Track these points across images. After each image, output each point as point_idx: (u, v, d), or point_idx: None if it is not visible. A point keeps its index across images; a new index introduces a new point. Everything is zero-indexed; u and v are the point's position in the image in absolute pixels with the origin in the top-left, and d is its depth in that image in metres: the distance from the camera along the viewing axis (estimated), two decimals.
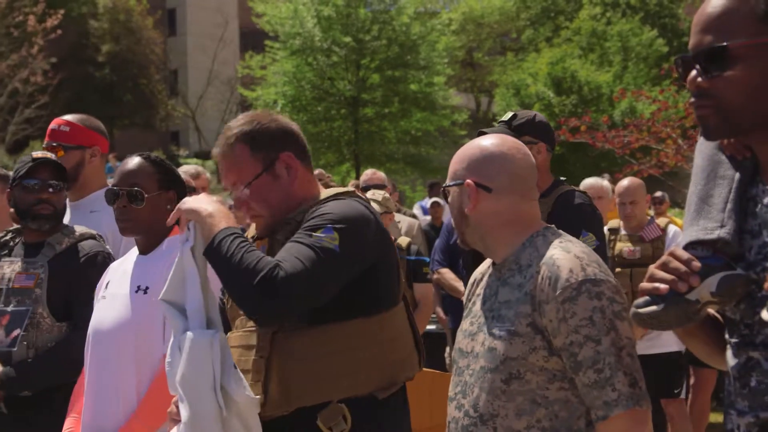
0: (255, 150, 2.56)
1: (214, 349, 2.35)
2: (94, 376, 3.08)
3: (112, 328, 3.06)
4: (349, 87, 23.31)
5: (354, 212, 2.46)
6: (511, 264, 2.28)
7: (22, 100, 23.30)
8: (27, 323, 3.41)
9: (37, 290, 3.46)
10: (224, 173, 2.61)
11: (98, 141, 4.26)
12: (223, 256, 2.31)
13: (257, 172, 2.55)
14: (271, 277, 2.24)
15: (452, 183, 2.33)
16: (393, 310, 2.55)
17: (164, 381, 2.98)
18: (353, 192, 2.63)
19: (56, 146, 4.13)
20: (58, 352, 3.40)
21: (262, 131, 2.57)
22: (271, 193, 2.56)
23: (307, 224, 2.42)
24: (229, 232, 2.36)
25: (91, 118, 4.36)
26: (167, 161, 3.29)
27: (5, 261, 3.59)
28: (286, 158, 2.57)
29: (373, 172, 7.42)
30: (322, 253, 2.32)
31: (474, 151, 2.34)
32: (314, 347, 2.42)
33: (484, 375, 2.21)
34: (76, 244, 3.56)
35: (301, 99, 23.23)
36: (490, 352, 2.21)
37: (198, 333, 2.38)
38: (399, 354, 2.54)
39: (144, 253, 3.19)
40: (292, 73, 23.31)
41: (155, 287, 3.06)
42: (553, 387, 2.17)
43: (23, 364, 3.40)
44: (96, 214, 3.93)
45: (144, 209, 3.13)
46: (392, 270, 2.56)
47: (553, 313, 2.15)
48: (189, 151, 34.32)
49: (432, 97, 23.86)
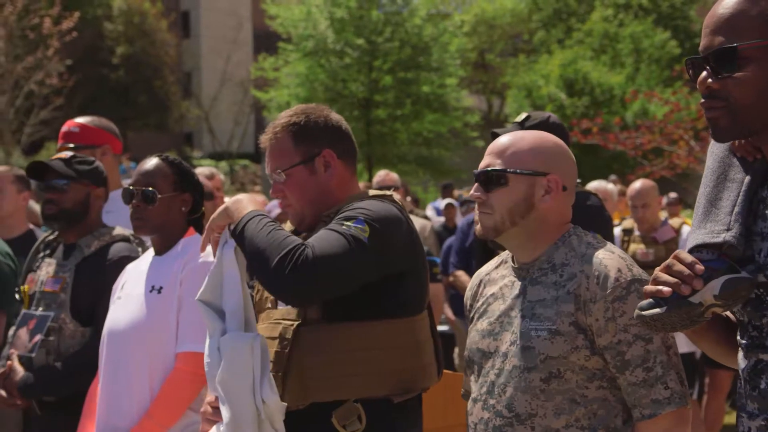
0: (298, 141, 2.57)
1: (255, 352, 2.35)
2: (108, 375, 3.10)
3: (125, 328, 3.07)
4: (362, 88, 23.31)
5: (388, 213, 2.46)
6: (542, 263, 2.25)
7: (38, 101, 23.40)
8: (49, 328, 3.39)
9: (62, 295, 3.45)
10: (267, 159, 2.62)
11: (109, 140, 4.30)
12: (250, 234, 2.32)
13: (295, 162, 2.56)
14: (298, 255, 2.24)
15: (528, 171, 2.26)
16: (418, 316, 2.54)
17: (177, 380, 3.00)
18: (390, 196, 2.62)
19: (69, 147, 4.18)
20: (80, 358, 3.38)
21: (309, 125, 2.58)
22: (307, 185, 2.56)
23: (341, 216, 2.42)
24: (257, 213, 2.38)
25: (102, 118, 4.41)
26: (185, 163, 3.29)
27: (45, 262, 3.60)
28: (327, 155, 2.57)
29: (386, 173, 7.42)
30: (350, 241, 2.32)
31: (550, 145, 2.30)
32: (336, 344, 2.42)
33: (520, 374, 2.18)
34: (106, 247, 3.53)
35: (313, 100, 23.14)
36: (527, 351, 2.18)
37: (239, 336, 2.38)
38: (419, 361, 2.53)
39: (159, 254, 3.20)
40: (305, 75, 23.33)
41: (169, 287, 3.08)
42: (593, 386, 2.16)
43: (44, 369, 3.38)
44: (111, 215, 3.92)
45: (157, 209, 3.15)
46: (421, 276, 2.55)
47: (600, 312, 2.14)
48: (202, 153, 34.40)
49: (444, 98, 23.83)
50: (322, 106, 2.69)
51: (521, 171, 2.25)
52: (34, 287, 3.54)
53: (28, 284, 3.58)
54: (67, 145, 4.21)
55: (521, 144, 2.29)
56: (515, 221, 2.25)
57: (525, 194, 2.25)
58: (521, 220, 2.26)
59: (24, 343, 3.43)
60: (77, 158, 3.63)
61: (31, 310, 3.49)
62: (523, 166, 2.25)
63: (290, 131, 2.58)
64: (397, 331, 2.47)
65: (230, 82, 34.50)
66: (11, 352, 3.47)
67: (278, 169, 2.58)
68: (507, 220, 2.25)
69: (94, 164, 3.64)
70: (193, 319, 3.02)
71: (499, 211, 2.25)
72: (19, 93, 23.17)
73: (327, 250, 2.28)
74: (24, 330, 3.46)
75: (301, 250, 2.25)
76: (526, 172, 2.25)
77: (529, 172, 2.25)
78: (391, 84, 23.36)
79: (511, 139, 2.31)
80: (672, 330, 1.81)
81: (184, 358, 3.02)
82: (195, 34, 38.63)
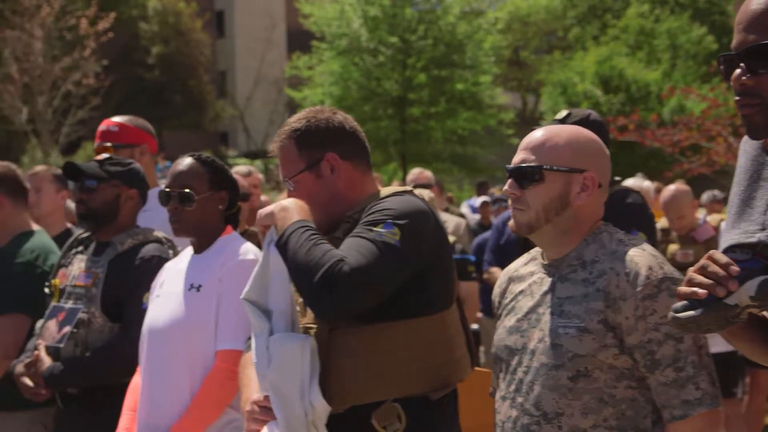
0: (300, 148, 2.57)
1: (305, 354, 2.35)
2: (148, 373, 3.12)
3: (165, 326, 3.10)
4: (396, 87, 23.30)
5: (413, 208, 2.45)
6: (572, 260, 2.23)
7: (75, 101, 23.68)
8: (78, 321, 3.44)
9: (93, 289, 3.49)
10: (279, 166, 2.64)
11: (147, 139, 4.32)
12: (292, 249, 2.31)
13: (300, 168, 2.57)
14: (334, 272, 2.23)
15: (565, 168, 2.23)
16: (448, 310, 2.53)
17: (217, 378, 3.02)
18: (411, 190, 2.61)
19: (107, 146, 4.21)
20: (105, 352, 3.41)
21: (310, 130, 2.58)
22: (315, 191, 2.56)
23: (366, 219, 2.41)
24: (300, 225, 2.35)
25: (139, 118, 4.42)
26: (219, 161, 3.31)
27: (78, 258, 3.64)
28: (330, 158, 2.57)
29: (420, 172, 7.41)
30: (383, 249, 2.31)
31: (586, 140, 2.27)
32: (370, 346, 2.42)
33: (548, 372, 2.16)
34: (139, 247, 3.57)
35: (347, 99, 23.26)
36: (555, 348, 2.16)
37: (289, 336, 2.38)
38: (453, 355, 2.52)
39: (198, 252, 3.23)
40: (339, 74, 23.36)
41: (208, 285, 3.11)
42: (621, 385, 2.13)
43: (71, 361, 3.42)
44: (147, 214, 3.93)
45: (195, 210, 3.17)
46: (449, 269, 2.55)
47: (630, 310, 2.11)
48: (237, 152, 34.60)
49: (478, 96, 23.75)
50: (327, 108, 2.68)
51: (558, 168, 2.23)
52: (65, 281, 3.58)
53: (59, 278, 3.63)
54: (104, 144, 4.23)
55: (558, 139, 2.26)
56: (549, 218, 2.24)
57: (561, 191, 2.23)
58: (555, 217, 2.24)
59: (52, 335, 3.47)
60: (112, 160, 3.67)
61: (61, 302, 3.53)
62: (560, 162, 2.23)
63: (293, 138, 2.58)
64: (428, 327, 2.46)
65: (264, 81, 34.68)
66: (38, 342, 3.51)
67: (287, 178, 2.59)
68: (542, 217, 2.23)
69: (129, 166, 3.67)
70: (232, 317, 3.04)
71: (534, 207, 2.23)
72: (57, 93, 23.47)
73: (362, 262, 2.26)
74: (53, 322, 3.50)
75: (338, 268, 2.23)
76: (564, 168, 2.22)
77: (566, 168, 2.23)
78: (425, 82, 23.32)
79: (547, 133, 2.28)
80: (707, 332, 1.78)
81: (224, 355, 3.04)
82: (229, 33, 38.86)
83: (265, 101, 34.94)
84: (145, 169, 4.12)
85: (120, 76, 27.90)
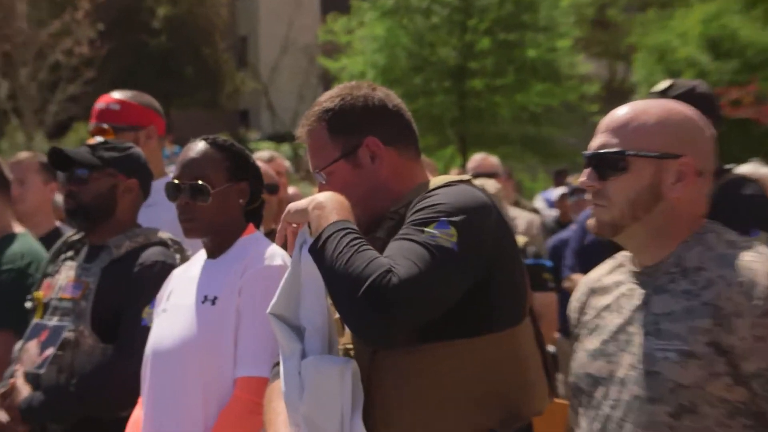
0: (333, 132, 2.59)
1: (345, 381, 2.36)
2: (152, 405, 3.13)
3: (174, 346, 3.11)
4: (453, 54, 23.28)
5: (471, 201, 2.45)
6: (669, 266, 2.22)
7: (65, 74, 24.01)
8: (64, 342, 3.44)
9: (82, 303, 3.51)
10: (308, 155, 2.66)
11: (154, 120, 4.36)
12: (329, 256, 2.32)
13: (334, 157, 2.59)
14: (381, 285, 2.23)
15: (654, 153, 2.23)
16: (518, 326, 2.52)
17: (236, 410, 3.02)
18: (468, 179, 2.61)
19: (105, 128, 4.22)
20: (96, 379, 3.42)
21: (344, 110, 2.60)
22: (352, 183, 2.58)
23: (415, 217, 2.41)
24: (340, 226, 2.36)
25: (144, 94, 4.46)
26: (237, 144, 3.32)
27: (66, 265, 3.67)
28: (371, 144, 2.58)
29: (483, 158, 7.40)
30: (438, 254, 2.31)
31: (681, 118, 2.26)
32: (422, 370, 2.42)
33: (642, 407, 2.15)
34: (139, 250, 3.58)
35: (394, 69, 23.29)
36: (650, 377, 2.15)
37: (325, 360, 2.39)
38: (525, 380, 2.51)
39: (213, 257, 3.23)
40: (384, 39, 23.39)
41: (225, 297, 3.11)
42: (736, 424, 2.11)
43: (52, 390, 3.44)
44: (153, 209, 3.98)
45: (211, 206, 3.18)
46: (519, 276, 2.54)
47: (746, 329, 2.09)
48: (260, 134, 34.83)
49: (555, 65, 23.63)
50: (364, 83, 2.70)
51: (646, 153, 2.21)
52: (50, 294, 3.61)
53: (43, 290, 3.65)
54: (102, 125, 4.26)
55: (646, 117, 2.25)
56: (637, 215, 2.23)
57: (650, 182, 2.22)
58: (645, 214, 2.23)
59: (32, 358, 3.49)
60: (107, 144, 3.69)
61: (44, 319, 3.56)
62: (648, 146, 2.22)
63: (325, 120, 2.61)
64: (494, 346, 2.46)
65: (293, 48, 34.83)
66: (16, 368, 3.54)
67: (317, 169, 2.61)
68: (627, 215, 2.23)
69: (127, 151, 3.70)
70: (255, 337, 3.05)
71: (617, 203, 2.23)
72: (43, 64, 23.81)
73: (413, 271, 2.26)
74: (34, 343, 3.52)
75: (386, 280, 2.23)
76: (652, 154, 2.21)
77: (655, 154, 2.22)
78: (489, 48, 23.27)
79: (633, 110, 2.27)
80: None
81: (245, 384, 3.04)
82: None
83: (294, 73, 35.11)
84: (152, 156, 4.16)
85: (119, 43, 28.23)
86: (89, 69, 23.89)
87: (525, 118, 23.90)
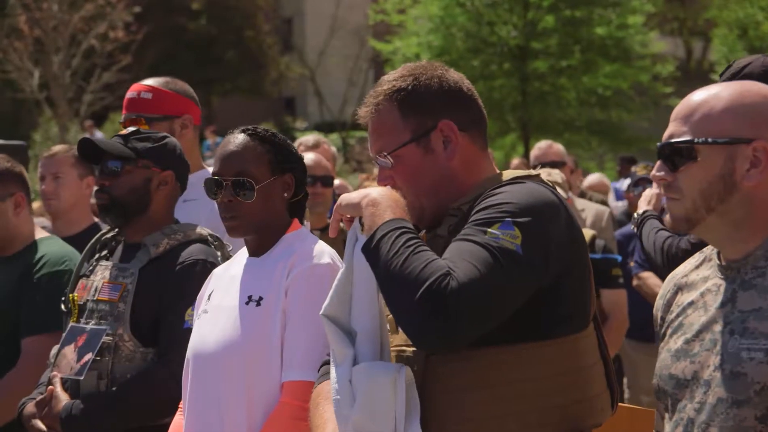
0: (405, 113, 2.59)
1: (398, 389, 2.37)
2: (194, 409, 3.16)
3: (216, 349, 3.13)
4: (515, 34, 23.20)
5: (538, 200, 2.44)
6: (757, 260, 2.21)
7: (100, 61, 24.20)
8: (102, 346, 3.48)
9: (120, 305, 3.53)
10: (370, 138, 2.66)
11: (189, 108, 4.36)
12: (384, 256, 2.33)
13: (404, 140, 2.58)
14: (439, 289, 2.24)
15: (723, 139, 2.21)
16: (582, 333, 2.52)
17: (282, 417, 3.02)
18: (537, 176, 2.61)
19: (136, 118, 4.25)
20: (138, 385, 3.46)
21: (419, 90, 2.59)
22: (422, 169, 2.58)
23: (478, 216, 2.41)
24: (395, 225, 2.37)
25: (178, 80, 4.46)
26: (279, 134, 3.33)
27: (101, 265, 3.70)
28: (445, 128, 2.58)
29: (549, 145, 7.36)
30: (500, 257, 2.31)
31: (755, 99, 2.23)
32: (479, 377, 2.42)
33: (727, 410, 2.15)
34: (178, 248, 3.61)
35: (451, 51, 23.26)
36: (736, 379, 2.14)
37: (377, 367, 2.41)
38: (588, 391, 2.52)
39: (256, 255, 3.24)
40: (440, 18, 23.37)
41: (271, 297, 3.12)
42: None
43: (93, 397, 3.47)
44: (191, 204, 4.02)
45: (255, 203, 3.19)
46: (584, 279, 2.54)
47: None
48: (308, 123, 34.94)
49: (626, 43, 23.48)
50: (435, 63, 2.69)
51: (714, 140, 2.20)
52: (86, 296, 3.64)
53: (78, 292, 3.68)
54: (133, 116, 4.28)
55: (714, 102, 2.24)
56: (711, 207, 2.22)
57: (721, 170, 2.21)
58: (720, 205, 2.22)
59: (70, 364, 3.52)
60: (140, 134, 3.71)
61: (81, 323, 3.59)
62: (717, 132, 2.21)
63: (395, 100, 2.60)
64: (556, 354, 2.46)
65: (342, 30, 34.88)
66: (53, 374, 3.57)
67: (383, 151, 2.60)
68: (701, 207, 2.22)
69: (162, 141, 3.72)
70: (302, 339, 3.05)
71: (689, 195, 2.22)
72: (77, 51, 24.05)
73: (473, 275, 2.27)
74: (71, 348, 3.56)
75: (444, 284, 2.24)
76: (721, 140, 2.20)
77: (725, 139, 2.20)
78: (553, 27, 23.17)
79: (704, 96, 2.27)
80: None
81: (291, 389, 3.04)
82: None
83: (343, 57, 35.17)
84: (188, 147, 4.17)
85: (156, 26, 28.43)
86: (125, 55, 24.07)
87: (592, 101, 23.78)
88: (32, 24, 23.65)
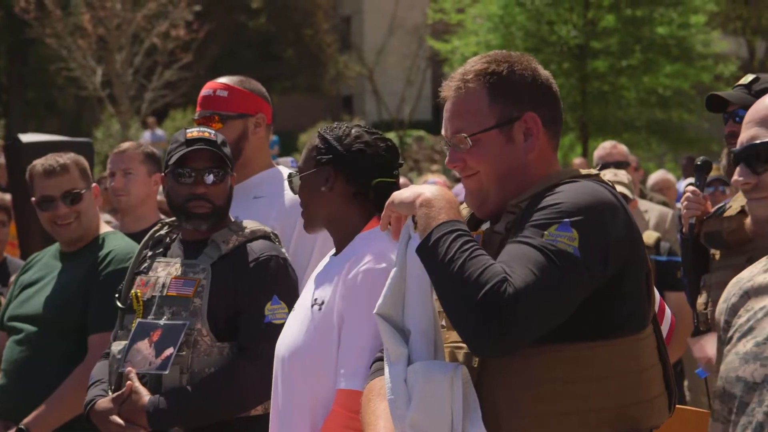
0: (495, 98, 2.57)
1: (455, 389, 2.37)
2: (276, 409, 3.15)
3: (286, 351, 3.13)
4: (575, 33, 23.07)
5: (596, 200, 2.43)
6: None
7: (162, 59, 24.40)
8: (182, 341, 3.51)
9: (196, 300, 3.57)
10: (448, 117, 2.62)
11: (263, 107, 4.37)
12: (440, 259, 2.33)
13: (488, 125, 2.57)
14: (497, 296, 2.24)
15: None
16: (641, 333, 2.51)
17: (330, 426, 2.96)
18: (596, 175, 2.59)
19: (211, 116, 4.26)
20: (221, 382, 3.49)
21: (513, 78, 2.59)
22: (500, 157, 2.57)
23: (535, 217, 2.41)
24: (450, 228, 2.37)
25: (252, 79, 4.47)
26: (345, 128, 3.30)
27: (161, 262, 3.73)
28: (530, 120, 2.57)
29: (613, 146, 7.32)
30: (557, 260, 2.31)
31: None
32: (536, 374, 2.42)
33: None
34: (244, 245, 3.64)
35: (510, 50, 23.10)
36: None
37: (433, 366, 2.40)
38: (645, 393, 2.51)
39: (336, 253, 3.22)
40: (499, 17, 23.31)
41: (330, 302, 3.06)
42: None
43: (175, 393, 3.50)
44: (261, 201, 4.04)
45: (302, 194, 3.22)
46: (643, 280, 2.53)
47: None
48: (365, 121, 34.96)
49: (687, 43, 23.27)
50: (528, 55, 2.68)
51: None
52: (150, 291, 3.66)
53: (139, 288, 3.70)
54: (207, 113, 4.28)
55: None
56: None
57: None
58: None
59: (147, 359, 3.54)
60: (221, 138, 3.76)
61: (150, 318, 3.62)
62: None
63: (487, 83, 2.58)
64: (614, 354, 2.45)
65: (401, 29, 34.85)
66: (128, 369, 3.57)
67: (462, 132, 2.58)
68: None
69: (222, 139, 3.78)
70: (354, 346, 2.98)
71: None
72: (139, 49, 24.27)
73: (530, 280, 2.27)
74: (144, 343, 3.57)
75: (502, 290, 2.24)
76: None
77: None
78: (614, 26, 23.02)
79: None
80: None
81: (342, 397, 2.97)
82: None
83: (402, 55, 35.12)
84: (260, 145, 4.21)
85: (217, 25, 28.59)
86: (186, 53, 24.23)
87: (653, 101, 23.60)
88: (96, 22, 23.90)
